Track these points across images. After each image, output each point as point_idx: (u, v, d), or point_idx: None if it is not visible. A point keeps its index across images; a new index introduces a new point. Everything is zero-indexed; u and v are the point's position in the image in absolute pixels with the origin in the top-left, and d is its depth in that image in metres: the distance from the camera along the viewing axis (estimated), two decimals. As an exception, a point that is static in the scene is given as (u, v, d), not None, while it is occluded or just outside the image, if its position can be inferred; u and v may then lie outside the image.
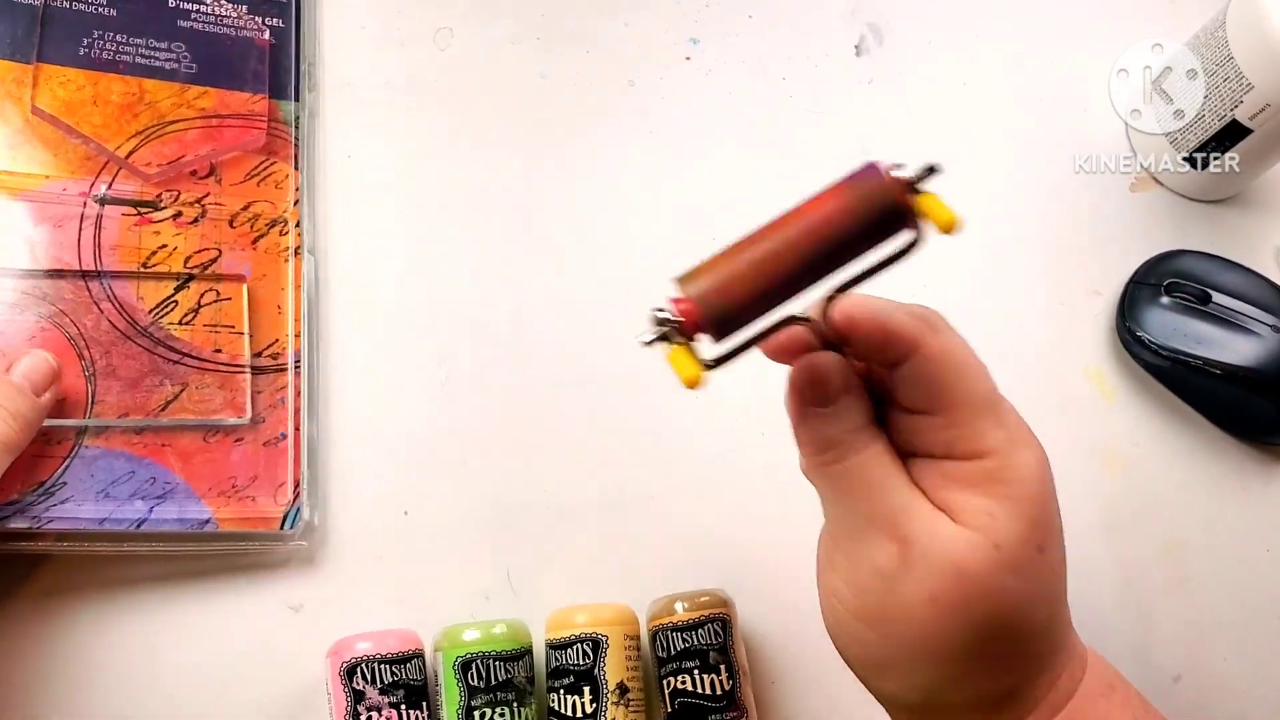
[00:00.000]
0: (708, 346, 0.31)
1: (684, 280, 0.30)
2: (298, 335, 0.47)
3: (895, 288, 0.53)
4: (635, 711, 0.43)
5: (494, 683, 0.41)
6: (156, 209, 0.46)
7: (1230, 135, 0.52)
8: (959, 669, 0.32)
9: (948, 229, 0.29)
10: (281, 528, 0.44)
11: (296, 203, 0.48)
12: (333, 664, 0.41)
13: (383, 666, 0.41)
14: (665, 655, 0.43)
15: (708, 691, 0.43)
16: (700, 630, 0.43)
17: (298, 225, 0.48)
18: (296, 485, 0.44)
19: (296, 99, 0.50)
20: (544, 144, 0.53)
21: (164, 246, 0.46)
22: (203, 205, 0.47)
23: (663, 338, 0.30)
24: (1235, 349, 0.51)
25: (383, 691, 0.40)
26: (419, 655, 0.42)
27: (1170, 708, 0.37)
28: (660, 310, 0.30)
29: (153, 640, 0.43)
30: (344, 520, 0.46)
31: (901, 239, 0.30)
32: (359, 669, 0.40)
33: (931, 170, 0.29)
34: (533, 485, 0.48)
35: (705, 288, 0.30)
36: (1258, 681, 0.50)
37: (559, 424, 0.49)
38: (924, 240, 0.30)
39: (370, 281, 0.50)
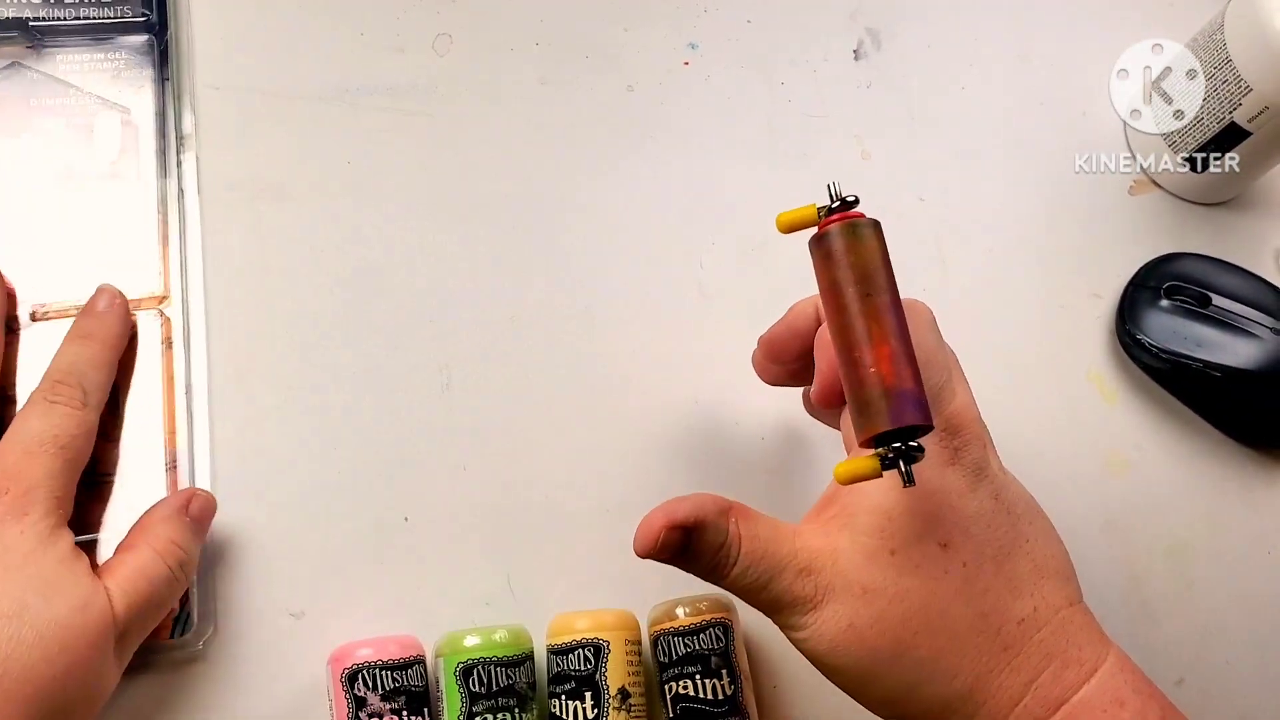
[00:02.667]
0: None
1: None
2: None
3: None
4: (637, 717, 0.43)
5: (496, 688, 0.41)
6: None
7: (1229, 138, 0.52)
8: (901, 680, 0.34)
9: None
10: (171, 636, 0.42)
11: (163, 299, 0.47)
12: (334, 670, 0.41)
13: (384, 673, 0.41)
14: (667, 660, 0.43)
15: (709, 696, 0.42)
16: (702, 635, 0.43)
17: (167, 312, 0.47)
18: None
19: (166, 176, 0.49)
20: (543, 149, 0.53)
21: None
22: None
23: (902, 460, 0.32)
24: (1235, 351, 0.51)
25: (384, 698, 0.40)
26: (420, 661, 0.42)
27: (1173, 711, 0.37)
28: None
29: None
30: (344, 526, 0.46)
31: None
32: (360, 675, 0.40)
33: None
34: (533, 490, 0.48)
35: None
36: (1261, 684, 0.50)
37: (559, 429, 0.49)
38: None
39: (369, 282, 0.50)
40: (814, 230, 0.35)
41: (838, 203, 0.34)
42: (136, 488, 0.44)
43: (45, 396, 0.40)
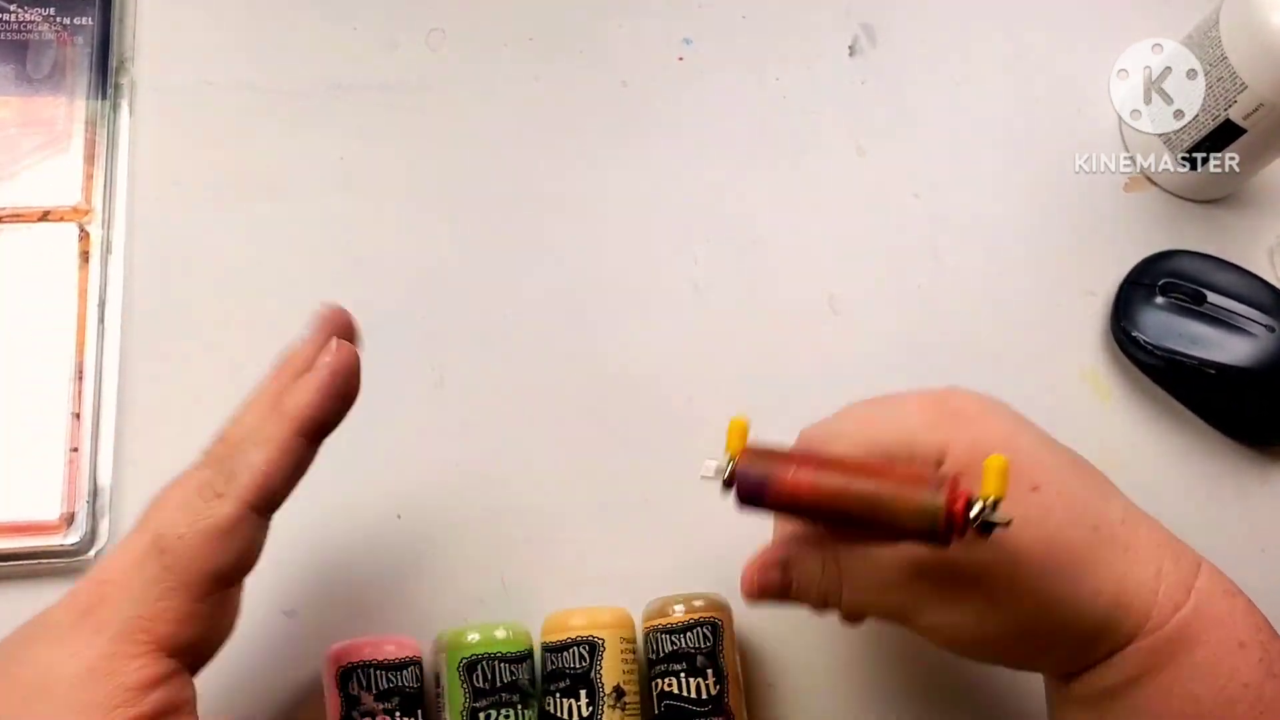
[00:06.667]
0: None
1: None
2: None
3: (892, 289, 0.54)
4: (631, 715, 0.42)
5: (499, 684, 0.41)
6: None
7: (1224, 135, 0.52)
8: (1047, 628, 0.35)
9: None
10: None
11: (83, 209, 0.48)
12: (328, 668, 0.41)
13: (378, 672, 0.40)
14: (655, 657, 0.43)
15: (693, 695, 0.42)
16: (689, 634, 0.43)
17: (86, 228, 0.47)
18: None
19: (103, 98, 0.49)
20: (536, 145, 0.53)
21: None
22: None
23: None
24: (1230, 349, 0.51)
25: (378, 698, 0.40)
26: (416, 662, 0.42)
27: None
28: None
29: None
30: (336, 524, 0.46)
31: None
32: (355, 674, 0.40)
33: (994, 526, 0.32)
34: (526, 487, 0.48)
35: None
36: (1255, 682, 0.50)
37: (552, 426, 0.49)
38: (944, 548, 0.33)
39: (361, 278, 0.49)
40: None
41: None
42: (37, 395, 0.44)
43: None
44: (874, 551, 0.35)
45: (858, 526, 0.34)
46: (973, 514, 0.32)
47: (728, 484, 0.35)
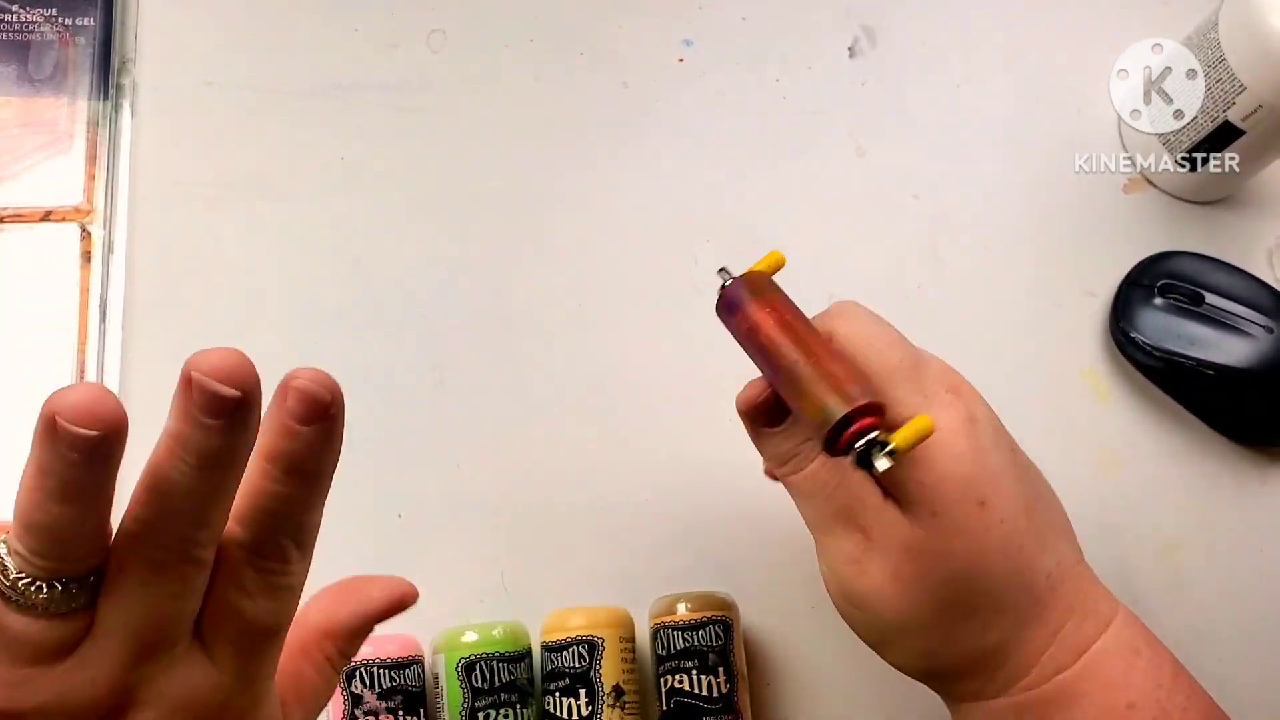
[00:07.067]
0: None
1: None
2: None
3: (892, 289, 0.54)
4: (631, 714, 0.43)
5: (498, 684, 0.41)
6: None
7: (1223, 137, 0.52)
8: (940, 632, 0.34)
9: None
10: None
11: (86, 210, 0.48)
12: (328, 668, 0.41)
13: (382, 671, 0.41)
14: (665, 654, 0.43)
15: (704, 693, 0.42)
16: (702, 631, 0.43)
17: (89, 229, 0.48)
18: None
19: (105, 98, 0.49)
20: (537, 146, 0.53)
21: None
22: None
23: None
24: (1228, 350, 0.51)
25: (380, 696, 0.40)
26: (418, 661, 0.42)
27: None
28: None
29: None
30: (336, 522, 0.46)
31: None
32: (358, 673, 0.40)
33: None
34: (526, 487, 0.48)
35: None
36: (1254, 682, 0.50)
37: (552, 426, 0.49)
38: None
39: (361, 278, 0.49)
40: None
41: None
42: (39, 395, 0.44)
43: (249, 564, 0.28)
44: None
45: (785, 386, 0.34)
46: (858, 442, 0.32)
47: (723, 287, 0.36)
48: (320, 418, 0.26)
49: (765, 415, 0.36)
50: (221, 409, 0.24)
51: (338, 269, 0.50)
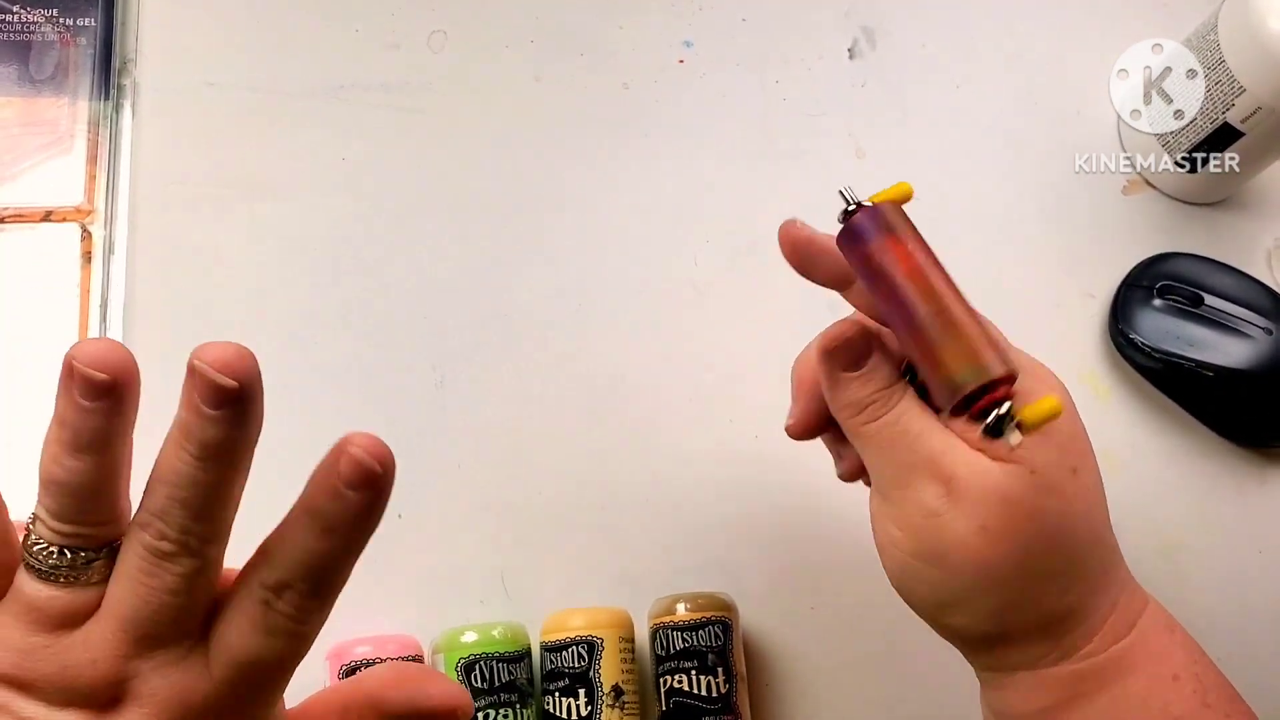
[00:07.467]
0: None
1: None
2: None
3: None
4: (630, 714, 0.43)
5: (497, 684, 0.41)
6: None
7: (1223, 138, 0.52)
8: (1019, 591, 0.34)
9: None
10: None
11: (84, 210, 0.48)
12: (331, 666, 0.41)
13: (379, 671, 0.41)
14: (664, 654, 0.43)
15: (703, 693, 0.43)
16: (701, 631, 0.43)
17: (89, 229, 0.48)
18: None
19: (106, 98, 0.49)
20: (537, 147, 0.53)
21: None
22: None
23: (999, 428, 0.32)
24: (1227, 351, 0.51)
25: (379, 696, 0.40)
26: (418, 661, 0.42)
27: (1164, 710, 0.37)
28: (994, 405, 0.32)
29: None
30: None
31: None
32: (358, 672, 0.40)
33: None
34: (526, 488, 0.48)
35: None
36: (1252, 683, 0.50)
37: (553, 426, 0.49)
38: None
39: (361, 279, 0.50)
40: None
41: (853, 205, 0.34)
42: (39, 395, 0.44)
43: (266, 601, 0.28)
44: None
45: (912, 336, 0.33)
46: (999, 409, 0.31)
47: (849, 213, 0.34)
48: (368, 486, 0.28)
49: (849, 357, 0.35)
50: (222, 399, 0.26)
51: (338, 269, 0.50)
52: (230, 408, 0.26)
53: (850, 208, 0.34)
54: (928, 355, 0.32)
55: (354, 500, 0.28)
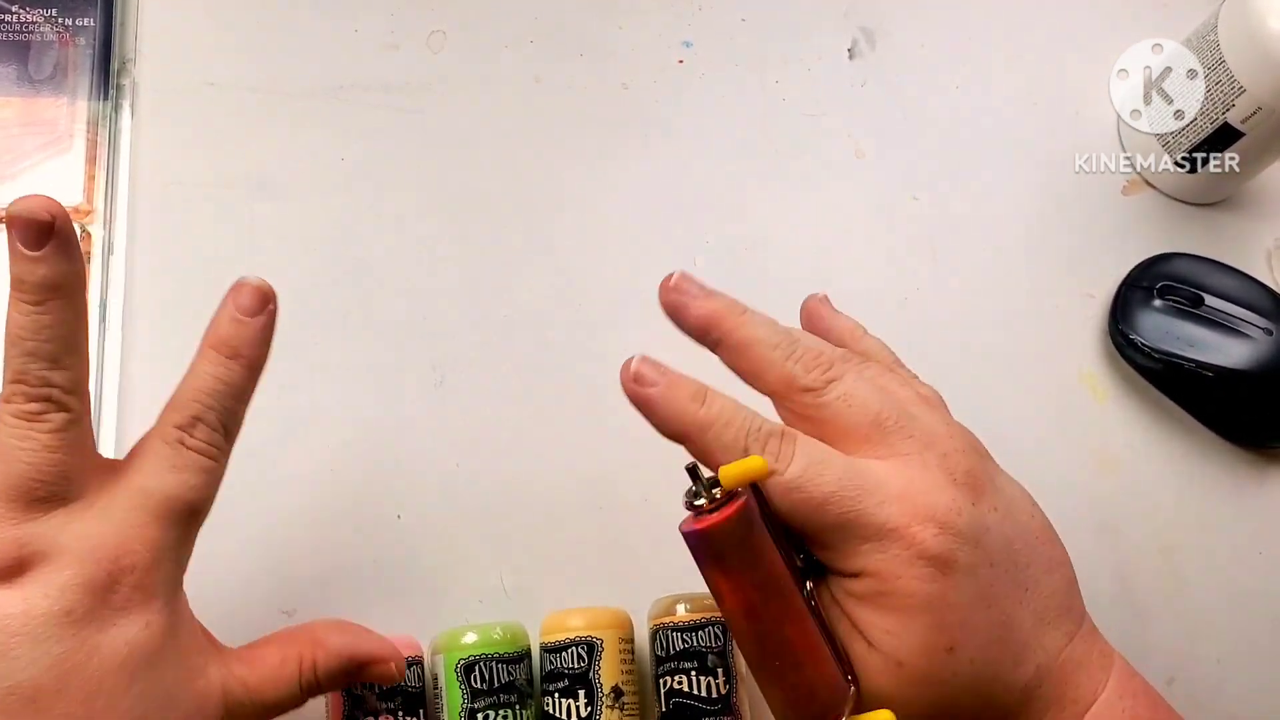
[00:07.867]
0: None
1: None
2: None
3: (891, 290, 0.54)
4: (630, 715, 0.43)
5: (497, 685, 0.41)
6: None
7: (1222, 138, 0.52)
8: None
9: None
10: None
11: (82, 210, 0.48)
12: (328, 668, 0.41)
13: (380, 672, 0.41)
14: (664, 654, 0.43)
15: (703, 694, 0.43)
16: (701, 632, 0.43)
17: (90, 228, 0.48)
18: None
19: (105, 98, 0.49)
20: (537, 147, 0.53)
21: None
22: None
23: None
24: (1227, 352, 0.51)
25: (381, 698, 0.40)
26: (418, 662, 0.42)
27: (1164, 711, 0.37)
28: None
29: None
30: (336, 523, 0.46)
31: None
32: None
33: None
34: (526, 488, 0.48)
35: None
36: (1251, 684, 0.50)
37: (552, 427, 0.49)
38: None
39: (361, 279, 0.50)
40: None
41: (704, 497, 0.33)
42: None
43: (175, 439, 0.32)
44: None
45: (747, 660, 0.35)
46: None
47: (692, 505, 0.34)
48: (264, 312, 0.34)
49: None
50: (41, 236, 0.28)
51: (338, 269, 0.50)
52: (51, 243, 0.29)
53: (697, 500, 0.33)
54: (764, 689, 0.35)
55: (255, 325, 0.33)
